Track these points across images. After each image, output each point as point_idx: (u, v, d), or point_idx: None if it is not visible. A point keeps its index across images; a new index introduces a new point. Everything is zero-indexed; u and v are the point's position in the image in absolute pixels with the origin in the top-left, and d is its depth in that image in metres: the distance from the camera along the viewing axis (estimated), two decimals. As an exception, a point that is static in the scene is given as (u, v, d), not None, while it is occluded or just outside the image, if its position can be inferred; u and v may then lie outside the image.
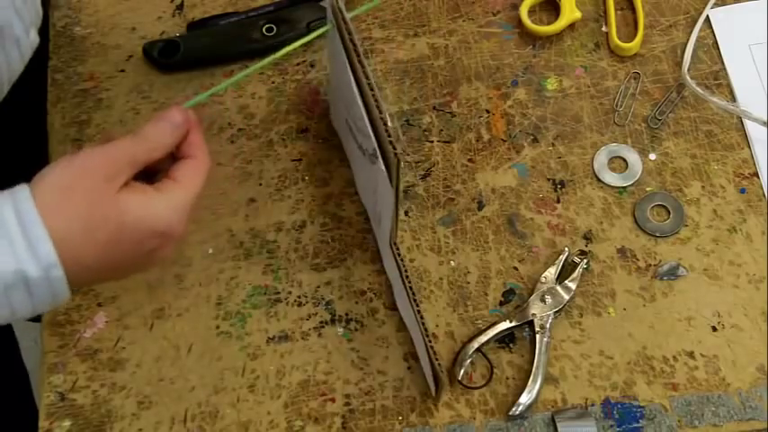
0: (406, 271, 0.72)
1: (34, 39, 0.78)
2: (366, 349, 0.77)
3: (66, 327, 0.78)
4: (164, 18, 0.92)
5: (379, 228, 0.77)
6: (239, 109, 0.87)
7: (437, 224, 0.81)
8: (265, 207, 0.83)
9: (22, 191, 0.56)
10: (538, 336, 0.75)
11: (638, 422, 0.73)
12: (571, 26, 0.89)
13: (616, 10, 0.90)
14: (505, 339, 0.76)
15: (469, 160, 0.84)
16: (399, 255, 0.73)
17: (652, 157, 0.83)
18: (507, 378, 0.75)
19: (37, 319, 0.79)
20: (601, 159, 0.83)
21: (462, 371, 0.75)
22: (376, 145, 0.64)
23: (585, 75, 0.87)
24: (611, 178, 0.82)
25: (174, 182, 0.61)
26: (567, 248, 0.78)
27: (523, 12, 0.89)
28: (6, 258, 0.54)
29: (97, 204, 0.57)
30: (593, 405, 0.74)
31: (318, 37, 0.69)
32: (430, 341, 0.70)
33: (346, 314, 0.78)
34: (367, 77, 0.62)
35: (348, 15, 0.64)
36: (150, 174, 0.63)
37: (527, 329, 0.76)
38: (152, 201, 0.60)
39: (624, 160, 0.83)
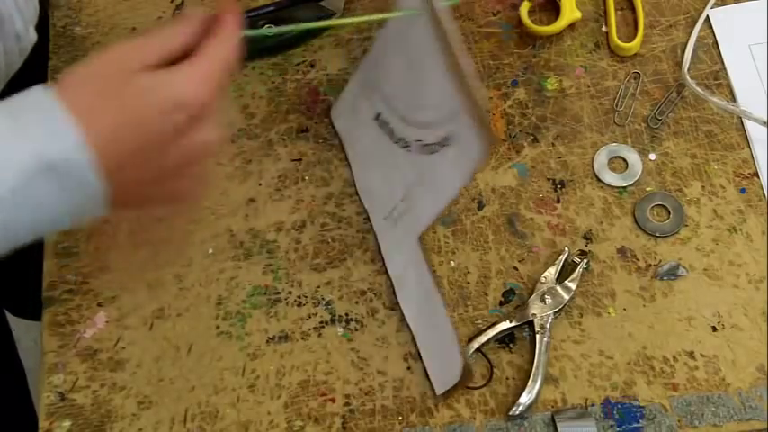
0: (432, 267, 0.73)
1: (33, 36, 0.78)
2: (366, 349, 0.77)
3: (66, 327, 0.78)
4: (164, 18, 0.92)
5: (399, 222, 0.75)
6: (239, 109, 0.87)
7: (437, 224, 0.81)
8: (265, 207, 0.83)
9: (37, 87, 0.52)
10: (538, 336, 0.75)
11: (638, 422, 0.73)
12: (571, 26, 0.89)
13: (616, 10, 0.90)
14: (505, 339, 0.76)
15: (469, 160, 0.84)
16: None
17: (652, 157, 0.83)
18: (507, 378, 0.75)
19: (37, 317, 0.79)
20: (601, 159, 0.83)
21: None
22: (453, 131, 0.65)
23: (585, 75, 0.87)
24: (611, 178, 0.82)
25: (199, 58, 0.55)
26: (567, 248, 0.78)
27: (523, 12, 0.89)
28: (26, 143, 0.49)
29: (111, 82, 0.52)
30: (593, 405, 0.74)
31: (338, 30, 0.68)
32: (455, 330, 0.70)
33: (346, 314, 0.78)
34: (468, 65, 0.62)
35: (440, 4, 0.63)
36: None
37: (527, 329, 0.76)
38: (169, 72, 0.54)
39: (624, 160, 0.83)
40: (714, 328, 0.76)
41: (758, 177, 0.81)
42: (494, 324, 0.76)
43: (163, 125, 0.53)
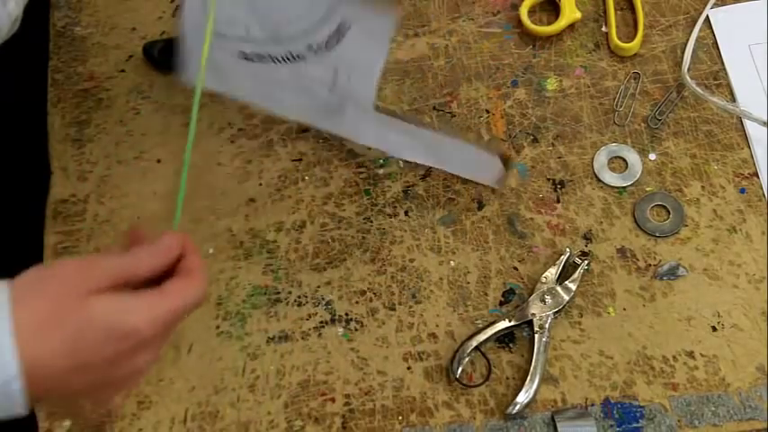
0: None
1: (13, 11, 0.76)
2: (366, 349, 0.77)
3: (66, 327, 0.78)
4: (164, 18, 0.92)
5: (345, 107, 0.76)
6: (239, 109, 0.87)
7: (437, 224, 0.81)
8: (265, 207, 0.83)
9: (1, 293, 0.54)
10: (537, 336, 0.75)
11: (637, 422, 0.73)
12: (571, 26, 0.89)
13: (616, 10, 0.90)
14: (505, 339, 0.76)
15: (469, 160, 0.84)
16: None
17: (652, 157, 0.83)
18: (507, 378, 0.75)
19: None
20: (601, 159, 0.83)
21: (461, 369, 0.75)
22: (344, 15, 0.68)
23: (585, 75, 0.87)
24: (611, 178, 0.82)
25: (157, 291, 0.56)
26: (568, 249, 0.78)
27: (523, 12, 0.89)
28: None
29: (63, 302, 0.54)
30: (593, 405, 0.74)
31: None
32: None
33: (346, 314, 0.78)
34: None
35: None
36: None
37: (527, 329, 0.76)
38: (122, 301, 0.55)
39: (624, 160, 0.83)
40: (714, 328, 0.76)
41: (758, 177, 0.81)
42: (493, 323, 0.76)
43: (104, 351, 0.54)
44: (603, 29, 0.89)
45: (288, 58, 0.73)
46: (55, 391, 0.55)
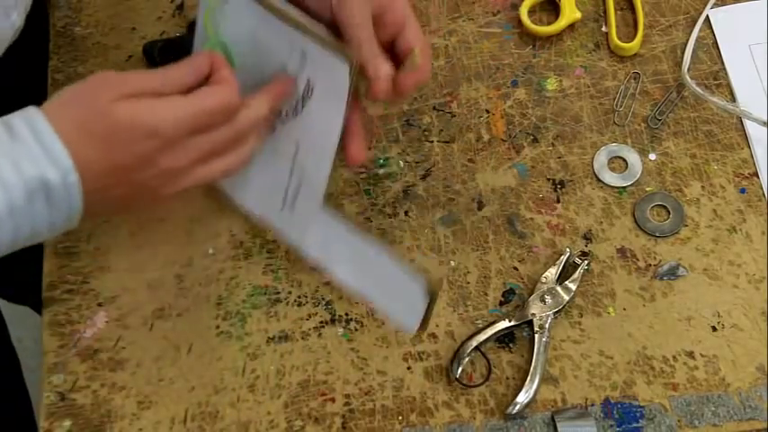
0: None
1: (16, 21, 0.77)
2: (366, 349, 0.77)
3: (66, 327, 0.78)
4: (164, 18, 0.92)
5: (297, 202, 0.72)
6: (239, 109, 0.87)
7: (437, 224, 0.81)
8: (265, 207, 0.83)
9: (30, 108, 0.58)
10: (536, 336, 0.75)
11: (637, 422, 0.73)
12: (571, 26, 0.89)
13: (616, 10, 0.90)
14: (505, 339, 0.76)
15: (469, 160, 0.84)
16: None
17: (652, 157, 0.83)
18: (507, 378, 0.75)
19: (37, 308, 0.79)
20: (601, 159, 0.83)
21: (461, 369, 0.75)
22: (309, 71, 0.66)
23: (585, 75, 0.87)
24: (611, 178, 0.82)
25: (186, 95, 0.61)
26: (568, 249, 0.78)
27: (523, 12, 0.89)
28: (27, 164, 0.55)
29: (93, 106, 0.58)
30: (593, 405, 0.74)
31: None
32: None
33: (346, 314, 0.78)
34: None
35: None
36: None
37: (527, 329, 0.76)
38: (146, 101, 0.59)
39: (624, 160, 0.83)
40: (714, 328, 0.76)
41: (758, 177, 0.81)
42: (492, 323, 0.76)
43: (133, 150, 0.59)
44: (603, 29, 0.89)
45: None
46: (97, 194, 0.59)
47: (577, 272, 0.77)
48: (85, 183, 0.58)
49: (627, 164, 0.82)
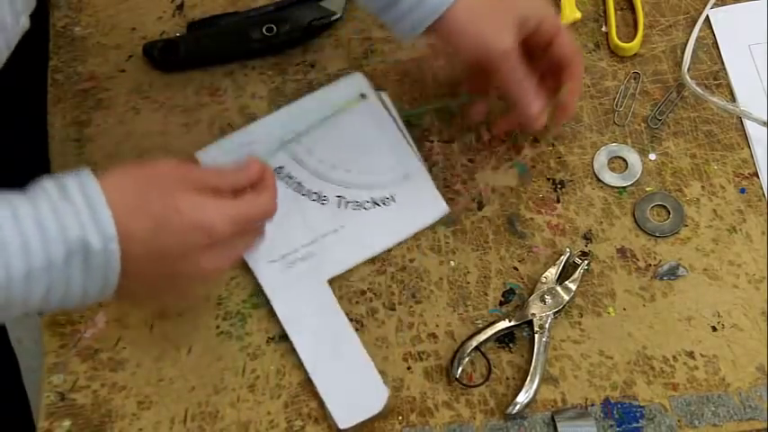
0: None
1: (25, 24, 0.77)
2: (366, 349, 0.76)
3: (66, 327, 0.78)
4: (164, 18, 0.92)
5: (297, 266, 0.79)
6: (239, 109, 0.87)
7: (437, 224, 0.81)
8: (265, 207, 0.83)
9: (84, 171, 0.60)
10: (536, 336, 0.75)
11: (637, 422, 0.73)
12: (571, 26, 0.89)
13: (616, 10, 0.90)
14: (505, 339, 0.76)
15: (469, 160, 0.84)
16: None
17: (652, 157, 0.83)
18: (507, 378, 0.75)
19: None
20: (601, 159, 0.83)
21: (461, 369, 0.75)
22: (397, 193, 0.81)
23: (585, 75, 0.87)
24: (611, 178, 0.82)
25: (233, 198, 0.65)
26: (568, 249, 0.78)
27: None
28: (72, 224, 0.56)
29: (153, 191, 0.61)
30: (593, 405, 0.74)
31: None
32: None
33: (346, 314, 0.78)
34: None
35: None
36: None
37: (527, 329, 0.76)
38: (203, 198, 0.62)
39: (624, 160, 0.83)
40: (714, 328, 0.76)
41: (758, 177, 0.81)
42: (492, 323, 0.76)
43: (182, 240, 0.61)
44: (603, 29, 0.89)
45: (314, 195, 0.82)
46: (134, 271, 0.60)
47: (577, 272, 0.77)
48: (125, 256, 0.58)
49: (627, 164, 0.82)
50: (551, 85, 0.77)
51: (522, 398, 0.73)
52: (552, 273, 0.77)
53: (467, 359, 0.75)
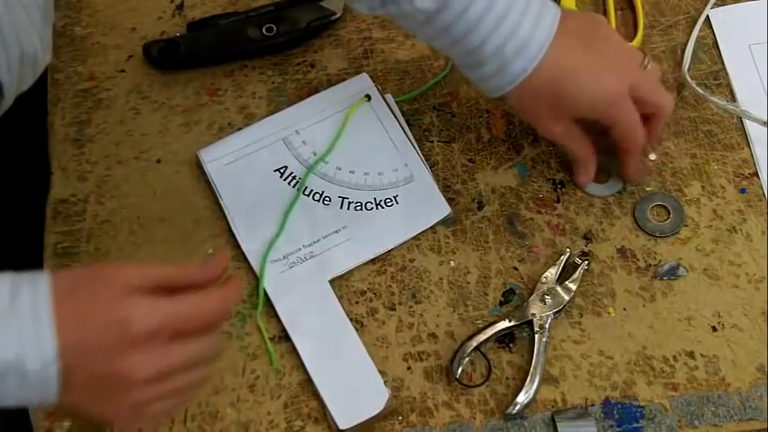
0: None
1: (49, 57, 0.78)
2: (366, 349, 0.76)
3: (66, 327, 0.78)
4: (164, 18, 0.92)
5: (299, 265, 0.79)
6: (239, 109, 0.87)
7: (437, 224, 0.81)
8: (265, 207, 0.83)
9: (42, 280, 0.57)
10: (537, 336, 0.75)
11: (638, 422, 0.73)
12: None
13: (616, 10, 0.90)
14: (505, 339, 0.76)
15: (469, 160, 0.84)
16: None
17: (652, 157, 0.83)
18: (507, 378, 0.75)
19: None
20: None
21: (461, 369, 0.75)
22: (403, 195, 0.82)
23: (585, 75, 0.87)
24: (595, 188, 0.82)
25: (169, 296, 0.59)
26: (568, 249, 0.78)
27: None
28: (11, 345, 0.54)
29: (103, 297, 0.57)
30: (593, 405, 0.74)
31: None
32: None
33: (346, 314, 0.78)
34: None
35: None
36: None
37: (527, 329, 0.76)
38: (135, 295, 0.58)
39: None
40: (714, 328, 0.76)
41: (758, 177, 0.81)
42: (492, 323, 0.76)
43: (101, 338, 0.56)
44: (603, 29, 0.89)
45: (318, 196, 0.82)
46: (72, 386, 0.56)
47: (577, 272, 0.77)
48: (68, 371, 0.55)
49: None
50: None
51: (522, 398, 0.73)
52: (552, 273, 0.77)
53: (467, 359, 0.75)
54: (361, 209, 0.81)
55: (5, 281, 0.56)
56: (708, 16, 0.89)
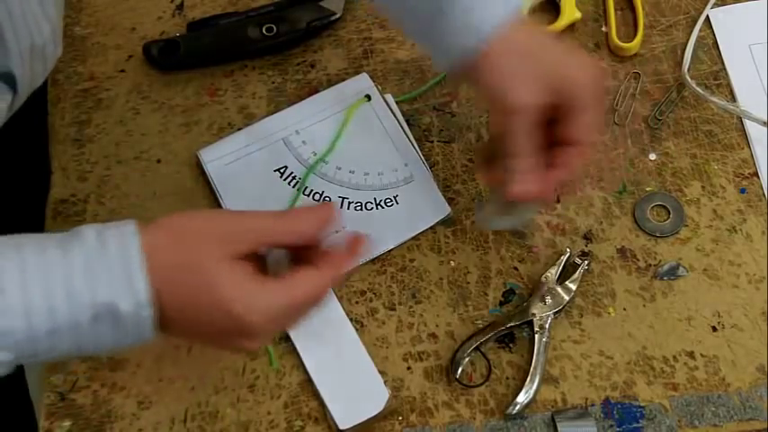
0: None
1: (59, 51, 0.78)
2: (366, 349, 0.76)
3: (66, 327, 0.78)
4: (164, 18, 0.92)
5: None
6: (239, 109, 0.87)
7: (437, 224, 0.81)
8: (265, 207, 0.83)
9: (129, 225, 0.56)
10: (537, 336, 0.75)
11: (638, 422, 0.73)
12: (571, 26, 0.89)
13: (616, 10, 0.90)
14: (505, 339, 0.76)
15: (469, 160, 0.84)
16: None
17: (652, 157, 0.83)
18: (507, 378, 0.75)
19: None
20: None
21: (461, 369, 0.75)
22: (403, 195, 0.82)
23: (585, 75, 0.87)
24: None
25: (281, 284, 0.58)
26: (568, 249, 0.78)
27: (524, 12, 0.89)
28: (103, 289, 0.54)
29: (196, 261, 0.56)
30: (593, 405, 0.74)
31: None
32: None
33: (346, 314, 0.78)
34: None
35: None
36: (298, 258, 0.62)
37: (527, 329, 0.76)
38: (247, 289, 0.57)
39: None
40: (714, 328, 0.76)
41: (758, 177, 0.81)
42: (492, 323, 0.76)
43: (212, 322, 0.57)
44: (603, 29, 0.89)
45: (316, 195, 0.82)
46: (171, 330, 0.58)
47: (577, 272, 0.77)
48: (160, 318, 0.56)
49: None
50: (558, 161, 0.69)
51: (523, 398, 0.73)
52: (552, 273, 0.77)
53: (467, 359, 0.75)
54: (361, 209, 0.81)
55: (91, 233, 0.55)
56: (708, 16, 0.89)
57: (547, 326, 0.75)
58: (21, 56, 0.68)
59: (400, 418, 0.74)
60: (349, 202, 0.81)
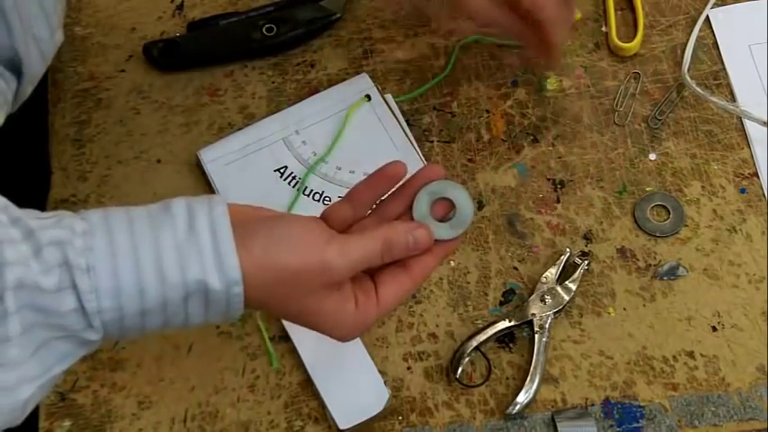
0: None
1: (59, 39, 0.77)
2: (366, 349, 0.76)
3: (66, 327, 0.78)
4: (164, 18, 0.92)
5: None
6: (239, 109, 0.87)
7: (437, 224, 0.81)
8: (265, 207, 0.83)
9: (219, 201, 0.56)
10: (536, 336, 0.75)
11: (638, 422, 0.73)
12: (571, 26, 0.89)
13: (616, 10, 0.90)
14: (505, 339, 0.76)
15: (469, 160, 0.84)
16: None
17: (652, 157, 0.83)
18: (507, 378, 0.75)
19: None
20: (421, 208, 0.65)
21: (461, 369, 0.75)
22: None
23: (585, 75, 0.87)
24: (440, 229, 0.78)
25: (375, 304, 0.61)
26: (568, 249, 0.78)
27: (523, 12, 0.89)
28: (194, 267, 0.54)
29: (282, 249, 0.57)
30: (593, 405, 0.74)
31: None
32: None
33: (346, 314, 0.78)
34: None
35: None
36: None
37: (527, 329, 0.76)
38: (342, 311, 0.60)
39: (451, 202, 0.68)
40: (714, 328, 0.76)
41: (758, 177, 0.81)
42: (492, 323, 0.76)
43: (302, 316, 0.60)
44: (603, 29, 0.89)
45: (316, 195, 0.82)
46: (259, 306, 0.60)
47: (577, 272, 0.77)
48: (247, 298, 0.56)
49: (453, 205, 0.66)
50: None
51: (522, 398, 0.73)
52: (552, 273, 0.77)
53: (467, 359, 0.75)
54: None
55: (180, 208, 0.55)
56: (708, 16, 0.89)
57: (547, 326, 0.75)
58: (24, 39, 0.68)
59: (400, 417, 0.74)
60: None
